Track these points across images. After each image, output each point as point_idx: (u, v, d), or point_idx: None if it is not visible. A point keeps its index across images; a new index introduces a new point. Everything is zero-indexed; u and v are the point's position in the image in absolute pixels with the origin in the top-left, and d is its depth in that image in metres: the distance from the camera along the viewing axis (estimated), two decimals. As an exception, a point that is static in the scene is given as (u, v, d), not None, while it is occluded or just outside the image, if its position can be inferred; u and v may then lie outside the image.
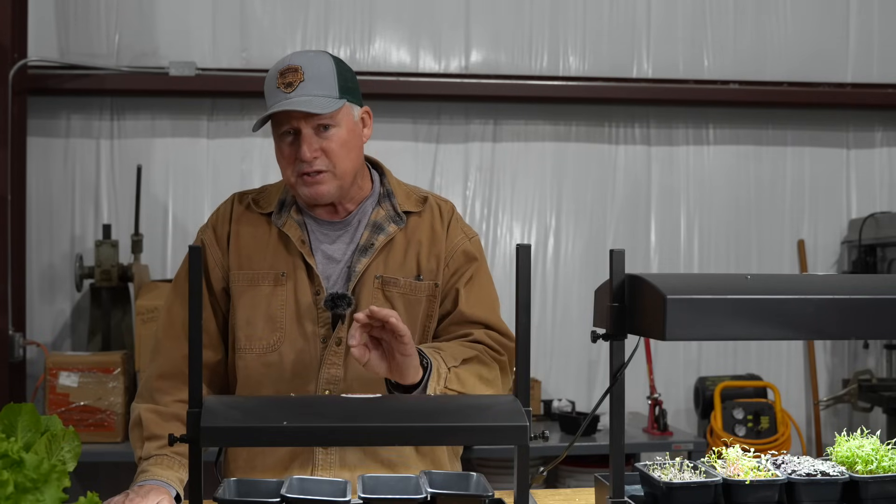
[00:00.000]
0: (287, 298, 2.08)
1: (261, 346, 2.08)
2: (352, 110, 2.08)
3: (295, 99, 2.00)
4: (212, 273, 2.13)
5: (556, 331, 4.77)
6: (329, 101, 2.02)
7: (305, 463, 2.04)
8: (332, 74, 2.05)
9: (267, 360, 2.07)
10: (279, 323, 2.07)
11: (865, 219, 4.75)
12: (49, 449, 1.56)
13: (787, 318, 1.57)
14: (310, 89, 2.01)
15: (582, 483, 3.96)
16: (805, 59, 4.90)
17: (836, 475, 1.75)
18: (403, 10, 4.69)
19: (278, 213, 2.13)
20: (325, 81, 2.03)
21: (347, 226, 2.13)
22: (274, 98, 2.03)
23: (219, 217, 2.18)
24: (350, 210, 2.14)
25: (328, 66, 2.06)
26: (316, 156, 2.02)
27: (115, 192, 4.53)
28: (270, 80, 2.05)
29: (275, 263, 2.10)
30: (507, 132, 4.80)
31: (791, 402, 4.77)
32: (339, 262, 2.11)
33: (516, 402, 1.54)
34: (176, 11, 4.54)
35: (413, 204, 2.17)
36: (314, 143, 2.02)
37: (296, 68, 2.03)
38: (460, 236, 2.17)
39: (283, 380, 2.06)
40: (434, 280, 2.11)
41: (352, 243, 2.12)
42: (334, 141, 2.03)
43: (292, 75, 2.02)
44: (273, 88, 2.04)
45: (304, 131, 2.02)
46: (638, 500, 1.79)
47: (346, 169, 2.06)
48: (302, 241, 2.09)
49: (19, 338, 4.15)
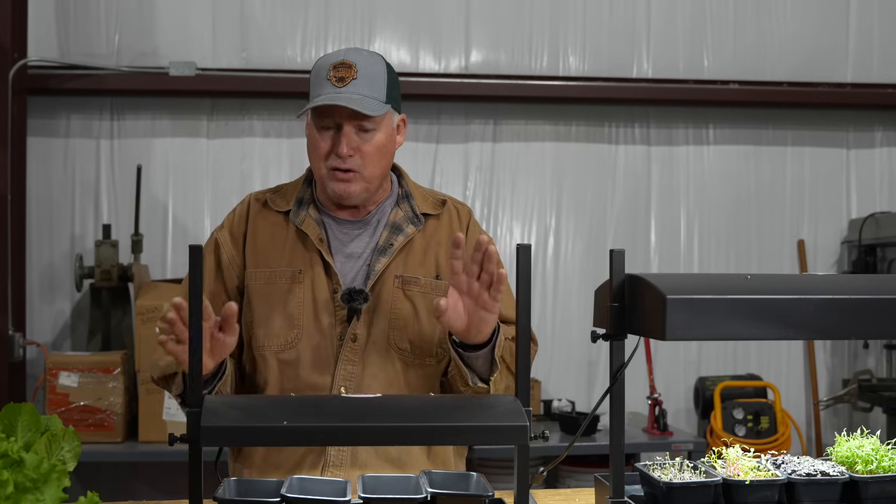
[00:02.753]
0: (304, 296, 2.07)
1: (278, 343, 2.07)
2: (393, 116, 2.09)
3: (346, 95, 2.00)
4: (226, 272, 2.13)
5: (556, 331, 4.77)
6: (377, 105, 2.02)
7: (317, 461, 2.04)
8: (383, 78, 2.05)
9: (284, 357, 2.07)
10: (297, 320, 2.07)
11: (865, 219, 4.75)
12: (49, 449, 1.56)
13: (787, 318, 1.57)
14: (361, 88, 2.01)
15: (582, 483, 3.96)
16: (805, 59, 4.90)
17: (836, 475, 1.75)
18: (403, 10, 4.69)
19: (296, 210, 2.13)
20: (376, 84, 2.04)
21: (367, 225, 2.13)
22: (322, 89, 2.02)
23: (235, 217, 2.18)
24: (370, 210, 2.14)
25: (381, 69, 2.06)
26: (352, 154, 2.03)
27: (115, 192, 4.53)
28: (321, 70, 2.04)
29: (292, 261, 2.09)
30: (507, 132, 4.80)
31: (791, 402, 4.77)
32: (358, 260, 2.11)
33: (516, 402, 1.54)
34: (176, 11, 4.54)
35: (431, 206, 2.17)
36: (353, 141, 2.02)
37: (350, 64, 2.02)
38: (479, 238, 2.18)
39: (300, 377, 2.06)
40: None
41: (371, 242, 2.12)
42: (372, 144, 2.04)
43: (346, 70, 2.02)
44: (322, 79, 2.03)
45: (346, 128, 2.02)
46: (638, 500, 1.79)
47: (375, 174, 2.07)
48: (320, 238, 2.09)
49: (19, 338, 4.15)
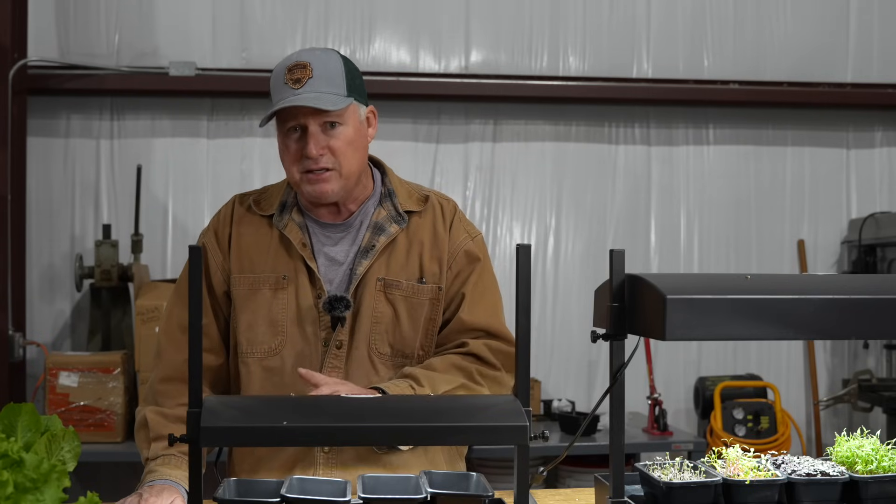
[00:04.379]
0: (289, 302, 2.06)
1: (262, 350, 2.07)
2: (358, 109, 2.07)
3: (304, 95, 1.99)
4: (213, 277, 2.11)
5: (556, 331, 4.76)
6: (338, 99, 2.01)
7: (307, 465, 2.04)
8: (340, 72, 2.04)
9: (268, 364, 2.06)
10: (281, 327, 2.06)
11: (865, 219, 4.75)
12: (49, 449, 1.56)
13: (787, 318, 1.57)
14: (318, 86, 2.00)
15: (582, 483, 3.96)
16: (805, 60, 4.89)
17: (836, 475, 1.75)
18: (403, 10, 4.68)
19: (280, 214, 2.12)
20: (333, 79, 2.02)
21: (349, 227, 2.12)
22: (281, 94, 2.01)
23: (220, 220, 2.16)
24: (352, 211, 2.12)
25: (337, 64, 2.05)
26: (322, 153, 2.01)
27: (115, 192, 4.53)
28: (277, 76, 2.04)
29: (276, 267, 2.08)
30: (507, 132, 4.79)
31: (791, 402, 4.76)
32: (341, 265, 2.09)
33: (516, 402, 1.54)
34: (176, 11, 4.54)
35: (414, 203, 2.15)
36: (321, 140, 2.01)
37: (304, 64, 2.01)
38: (463, 236, 2.15)
39: (285, 384, 2.05)
40: (437, 283, 2.10)
41: (354, 245, 2.10)
42: (341, 139, 2.02)
43: (301, 71, 2.01)
44: (280, 84, 2.02)
45: (311, 128, 2.00)
46: (638, 500, 1.79)
47: (351, 168, 2.05)
48: (303, 243, 2.08)
49: (19, 338, 4.15)
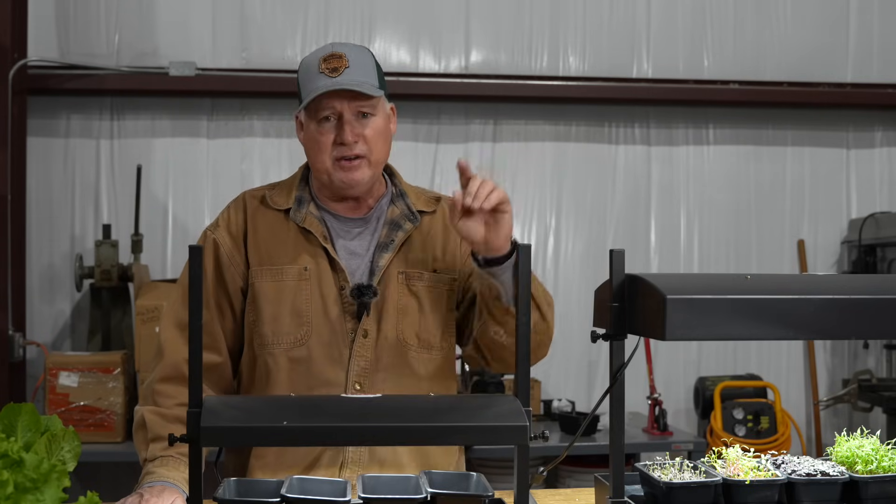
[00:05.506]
0: (312, 293, 2.08)
1: (288, 341, 2.07)
2: (386, 104, 2.14)
3: (345, 80, 2.03)
4: (226, 272, 2.11)
5: (556, 331, 4.75)
6: (375, 88, 2.06)
7: (334, 460, 2.03)
8: (372, 66, 2.10)
9: (294, 354, 2.07)
10: (306, 317, 2.07)
11: (865, 219, 4.75)
12: (49, 449, 1.56)
13: (787, 318, 1.57)
14: (355, 76, 2.05)
15: (582, 483, 3.95)
16: (805, 60, 4.89)
17: (836, 475, 1.75)
18: (403, 10, 4.69)
19: (297, 208, 2.13)
20: (368, 71, 2.08)
21: (367, 222, 2.15)
22: (316, 82, 2.04)
23: (231, 215, 2.16)
24: (371, 206, 2.16)
25: (369, 58, 2.11)
26: (356, 140, 2.05)
27: (115, 192, 4.53)
28: (311, 66, 2.07)
29: (297, 258, 2.09)
30: (507, 132, 4.80)
31: (791, 402, 4.76)
32: (361, 258, 2.12)
33: (516, 402, 1.54)
34: (176, 11, 4.54)
35: (425, 204, 2.20)
36: (356, 127, 2.06)
37: (340, 55, 2.06)
38: None
39: (312, 374, 2.05)
40: (452, 275, 2.15)
41: (373, 239, 2.14)
42: (373, 128, 2.07)
43: (337, 61, 2.05)
44: (315, 73, 2.05)
45: (347, 115, 2.05)
46: (638, 500, 1.79)
47: (379, 158, 2.11)
48: (324, 236, 2.10)
49: (19, 338, 4.15)
